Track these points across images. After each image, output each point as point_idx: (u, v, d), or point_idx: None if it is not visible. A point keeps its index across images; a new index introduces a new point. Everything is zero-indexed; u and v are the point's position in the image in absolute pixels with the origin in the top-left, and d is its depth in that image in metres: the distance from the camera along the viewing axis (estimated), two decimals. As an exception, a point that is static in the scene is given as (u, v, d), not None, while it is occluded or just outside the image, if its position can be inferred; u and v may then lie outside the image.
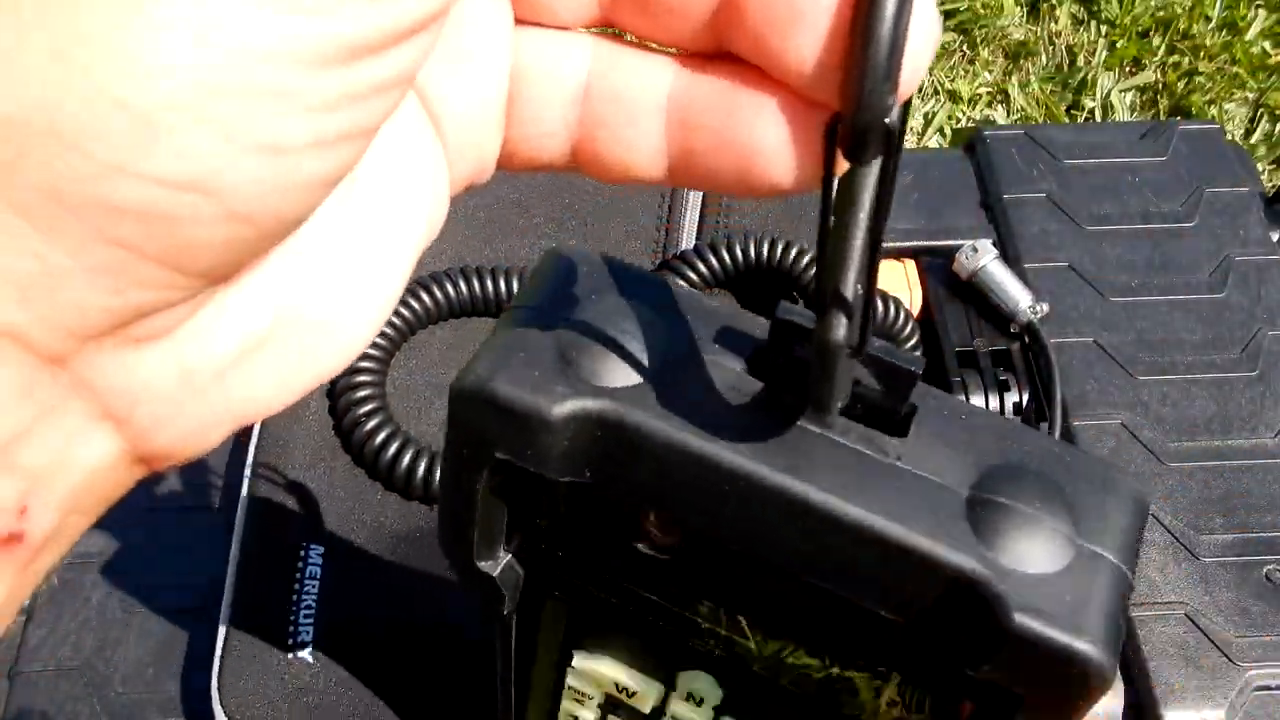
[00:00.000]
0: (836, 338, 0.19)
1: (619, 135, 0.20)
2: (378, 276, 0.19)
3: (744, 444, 0.22)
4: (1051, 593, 0.21)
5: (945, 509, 0.21)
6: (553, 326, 0.23)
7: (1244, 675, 0.47)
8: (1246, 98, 1.28)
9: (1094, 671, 0.20)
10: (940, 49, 1.33)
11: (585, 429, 0.22)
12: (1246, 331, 0.59)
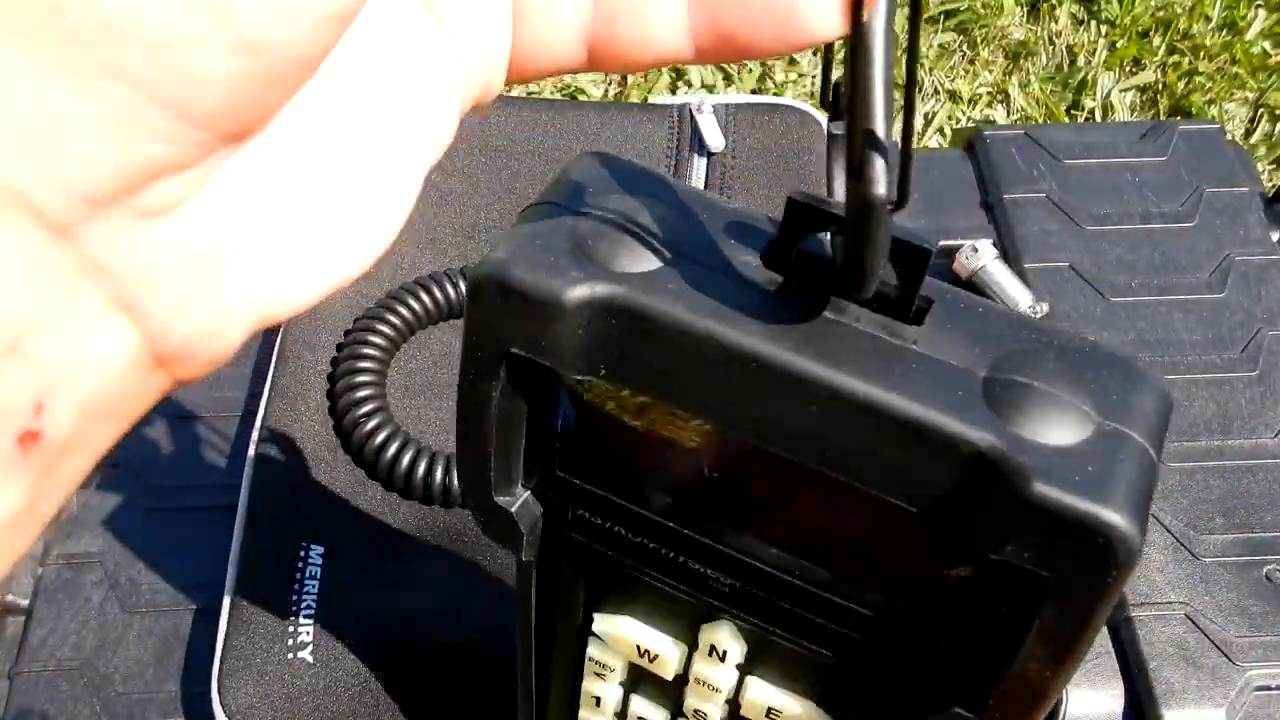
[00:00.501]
0: (878, 193, 0.18)
1: (639, 15, 0.19)
2: (392, 184, 0.19)
3: (759, 328, 0.21)
4: (1073, 463, 0.20)
5: (962, 389, 0.21)
6: (571, 218, 0.23)
7: (1244, 675, 0.47)
8: (1246, 98, 1.28)
9: (1119, 542, 0.19)
10: (940, 49, 1.33)
11: (600, 315, 0.22)
12: (1246, 331, 0.59)
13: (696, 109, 0.61)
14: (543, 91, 1.29)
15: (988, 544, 0.21)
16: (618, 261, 0.22)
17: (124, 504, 0.53)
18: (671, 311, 0.21)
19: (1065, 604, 0.21)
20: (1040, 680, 0.22)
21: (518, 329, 0.22)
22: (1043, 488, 0.19)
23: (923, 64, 1.31)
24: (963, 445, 0.20)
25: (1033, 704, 0.22)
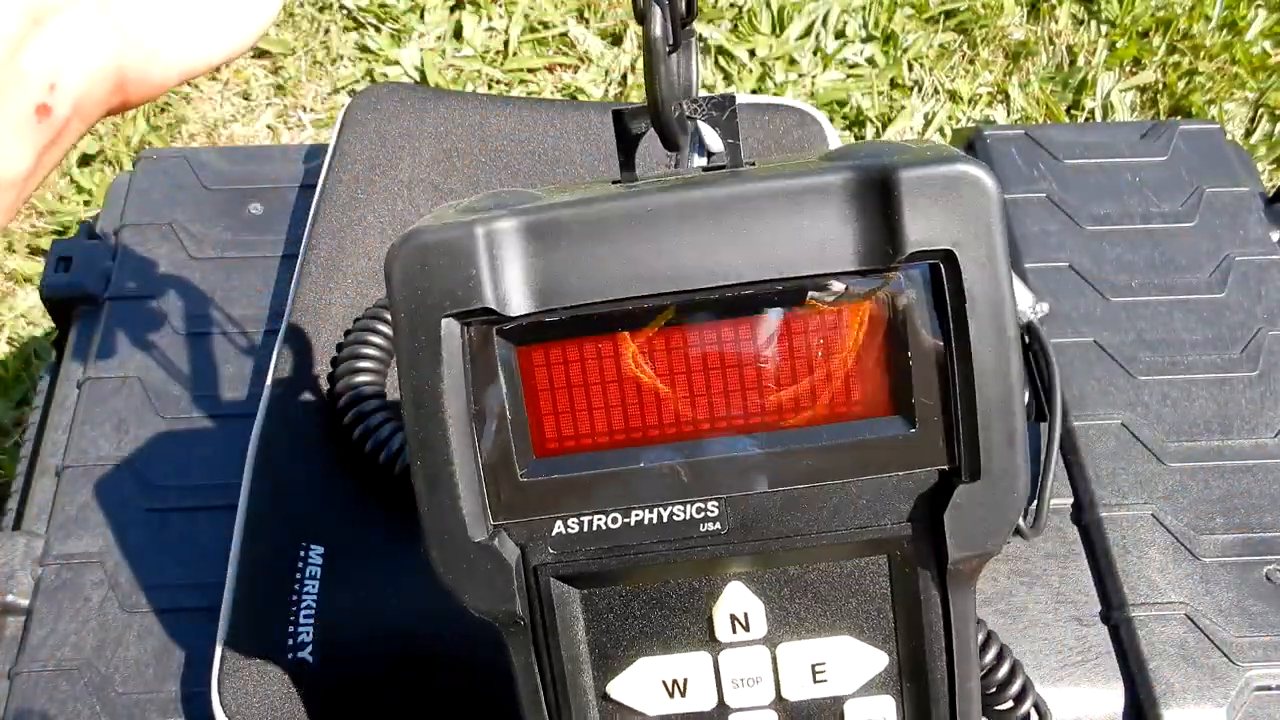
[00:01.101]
0: (655, 31, 0.23)
1: None
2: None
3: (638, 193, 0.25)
4: (919, 158, 0.24)
5: (810, 169, 0.25)
6: (453, 207, 0.26)
7: (1244, 675, 0.47)
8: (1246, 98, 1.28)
9: (983, 181, 0.24)
10: (940, 49, 1.33)
11: (511, 239, 0.24)
12: (1246, 331, 0.59)
13: (696, 109, 0.61)
14: (543, 91, 1.29)
15: (896, 248, 0.24)
16: (510, 207, 0.25)
17: (124, 504, 0.53)
18: (567, 211, 0.24)
19: (976, 263, 0.25)
20: (1000, 379, 0.25)
21: (445, 284, 0.24)
22: (908, 172, 0.24)
23: (923, 64, 1.31)
24: (835, 183, 0.25)
25: (1005, 416, 0.25)
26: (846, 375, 0.26)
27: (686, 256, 0.24)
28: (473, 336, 0.25)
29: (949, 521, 0.26)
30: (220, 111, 1.28)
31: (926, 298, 0.25)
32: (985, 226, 0.24)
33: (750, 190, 0.24)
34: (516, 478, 0.26)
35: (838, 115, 1.27)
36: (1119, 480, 0.53)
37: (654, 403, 0.26)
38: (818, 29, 1.32)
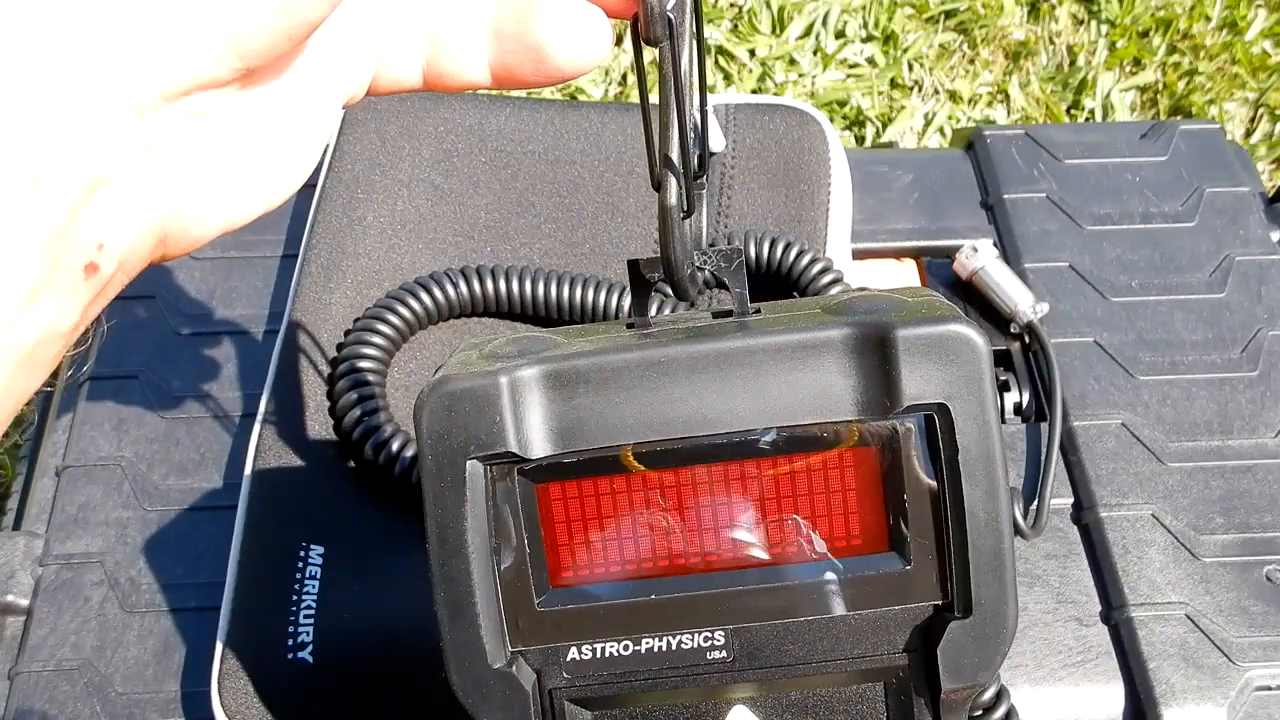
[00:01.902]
0: (670, 201, 0.25)
1: (456, 55, 0.28)
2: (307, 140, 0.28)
3: (665, 343, 0.27)
4: (910, 316, 0.26)
5: (813, 319, 0.27)
6: (475, 353, 0.28)
7: (1244, 675, 0.47)
8: (1246, 98, 1.28)
9: (974, 341, 0.26)
10: (940, 49, 1.33)
11: (537, 388, 0.26)
12: (1247, 331, 0.59)
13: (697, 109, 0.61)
14: (543, 92, 1.29)
15: (894, 401, 0.26)
16: (531, 355, 0.27)
17: (124, 504, 0.53)
18: (585, 361, 0.26)
19: (968, 418, 0.26)
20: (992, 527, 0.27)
21: (472, 433, 0.26)
22: (904, 330, 0.26)
23: (923, 64, 1.31)
24: (836, 339, 0.26)
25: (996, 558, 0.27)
26: (846, 514, 0.28)
27: (697, 405, 0.26)
28: (494, 475, 0.27)
29: (942, 654, 0.28)
30: (220, 111, 1.28)
31: (921, 444, 0.27)
32: (976, 383, 0.26)
33: (756, 345, 0.26)
34: (533, 606, 0.28)
35: (838, 115, 1.27)
36: (1119, 480, 0.53)
37: (664, 537, 0.28)
38: (818, 29, 1.32)
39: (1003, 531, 0.27)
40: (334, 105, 0.29)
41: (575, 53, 0.27)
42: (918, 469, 0.27)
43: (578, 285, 0.53)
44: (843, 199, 0.58)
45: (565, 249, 0.57)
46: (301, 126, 0.28)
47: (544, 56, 0.27)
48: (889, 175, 0.67)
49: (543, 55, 0.27)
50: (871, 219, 0.64)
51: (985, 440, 0.27)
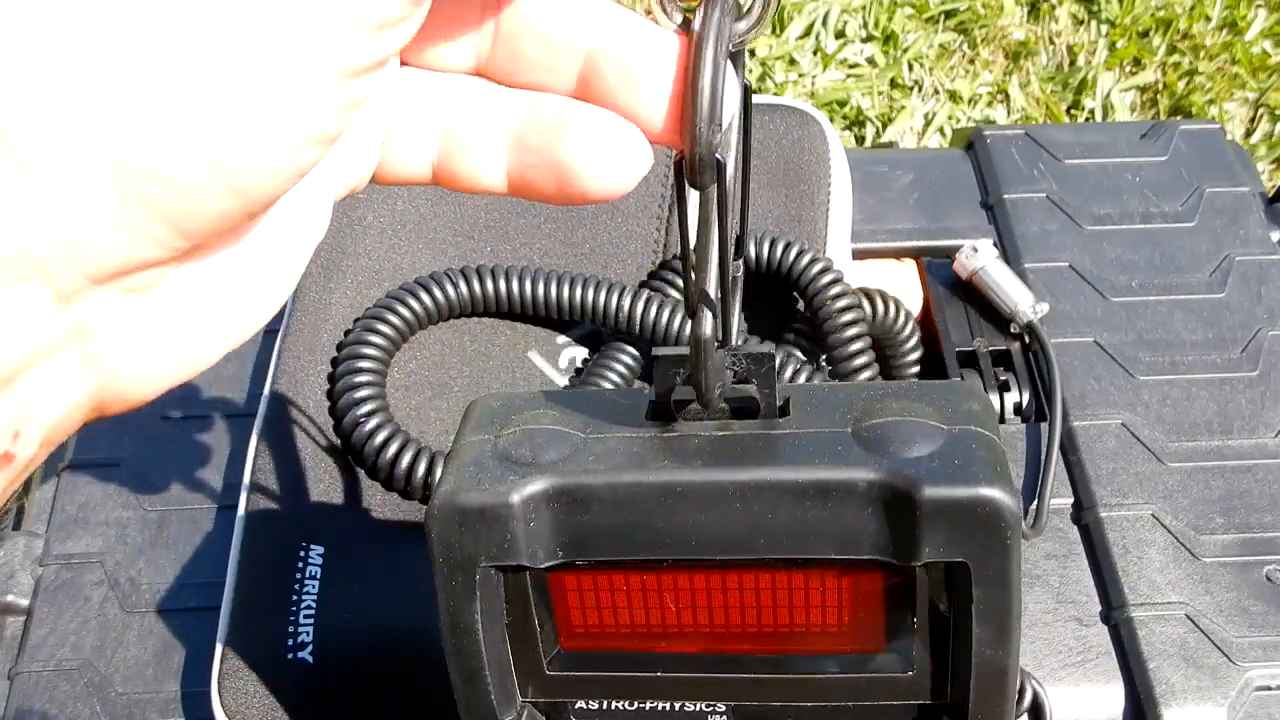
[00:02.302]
0: (705, 332, 0.24)
1: (471, 158, 0.25)
2: (281, 264, 0.24)
3: (670, 463, 0.26)
4: (943, 465, 0.25)
5: (840, 444, 0.26)
6: (490, 440, 0.27)
7: (1244, 675, 0.47)
8: (1246, 98, 1.28)
9: (1002, 507, 0.25)
10: (940, 49, 1.33)
11: (543, 504, 0.26)
12: (1247, 331, 0.59)
13: (696, 109, 0.61)
14: (543, 91, 1.29)
15: (912, 554, 0.25)
16: (541, 455, 0.26)
17: (124, 504, 0.53)
18: (597, 479, 0.26)
19: (985, 579, 0.25)
20: (997, 662, 0.26)
21: (481, 543, 0.26)
22: (931, 490, 0.24)
23: (923, 64, 1.31)
24: (859, 485, 0.25)
25: (998, 686, 0.26)
26: (855, 618, 0.27)
27: (714, 530, 0.26)
28: (506, 574, 0.27)
29: None
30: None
31: (939, 581, 0.26)
32: (1001, 548, 0.25)
33: (778, 481, 0.25)
34: (544, 671, 0.29)
35: (838, 115, 1.27)
36: (1119, 480, 0.53)
37: (673, 620, 0.28)
38: (818, 29, 1.32)
39: (1008, 667, 0.26)
40: (321, 209, 0.25)
41: (607, 177, 0.23)
42: (930, 597, 0.27)
43: (578, 285, 0.53)
44: (843, 199, 0.58)
45: (565, 249, 0.57)
46: (277, 248, 0.24)
47: (570, 176, 0.23)
48: (889, 175, 0.67)
49: (568, 175, 0.23)
50: (871, 219, 0.64)
51: (1004, 601, 0.26)
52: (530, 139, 0.24)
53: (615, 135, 0.23)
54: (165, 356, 0.22)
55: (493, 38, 0.24)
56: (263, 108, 0.18)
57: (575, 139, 0.23)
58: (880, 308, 0.54)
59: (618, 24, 0.23)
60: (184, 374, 0.23)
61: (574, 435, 0.27)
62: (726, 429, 0.26)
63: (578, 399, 0.29)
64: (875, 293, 0.55)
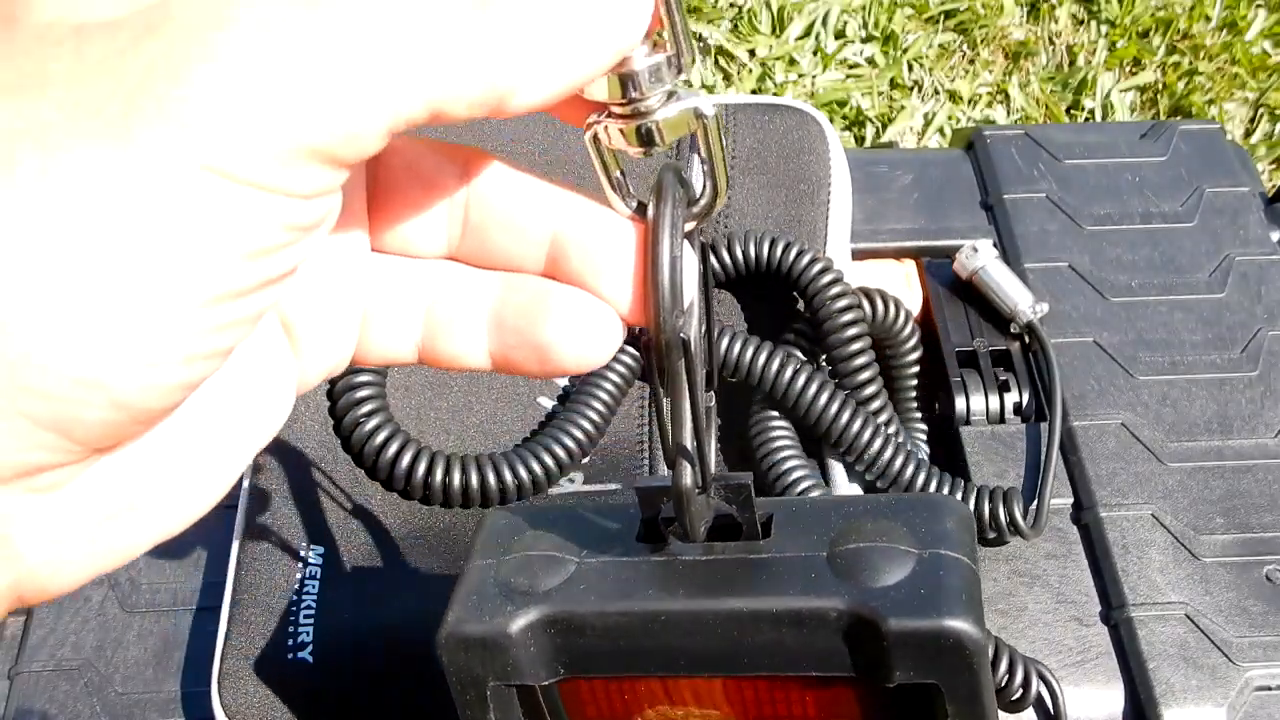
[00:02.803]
0: (685, 483, 0.26)
1: (454, 340, 0.25)
2: (222, 462, 0.24)
3: (656, 590, 0.28)
4: (909, 595, 0.26)
5: (814, 571, 0.27)
6: (494, 567, 0.30)
7: (1244, 675, 0.47)
8: (1246, 98, 1.28)
9: (965, 639, 0.26)
10: (940, 49, 1.33)
11: (541, 630, 0.28)
12: (1246, 331, 0.59)
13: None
14: (543, 91, 1.29)
15: (885, 676, 0.27)
16: (538, 584, 0.29)
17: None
18: (589, 608, 0.28)
19: (957, 698, 0.27)
20: None
21: (488, 667, 0.29)
22: (896, 622, 0.26)
23: (923, 64, 1.31)
24: (830, 614, 0.27)
25: None
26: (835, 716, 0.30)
27: (696, 652, 0.28)
28: (516, 689, 0.30)
29: None
30: (220, 111, 1.28)
31: (914, 697, 0.28)
32: (969, 672, 0.27)
33: (755, 608, 0.27)
34: None
35: (838, 115, 1.27)
36: (1119, 480, 0.53)
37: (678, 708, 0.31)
38: (818, 29, 1.32)
39: None
40: (278, 399, 0.24)
41: (585, 354, 0.24)
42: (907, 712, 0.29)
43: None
44: (843, 199, 0.58)
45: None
46: (216, 440, 0.23)
47: (550, 355, 0.24)
48: (889, 175, 0.67)
49: (548, 354, 0.24)
50: (871, 219, 0.64)
51: (977, 713, 0.27)
52: (509, 320, 0.25)
53: (589, 316, 0.24)
54: (86, 550, 0.21)
55: (461, 226, 0.25)
56: (134, 330, 0.18)
57: (553, 322, 0.24)
58: (880, 308, 0.54)
59: (578, 212, 0.24)
60: (110, 565, 0.22)
61: (569, 561, 0.30)
62: (710, 552, 0.29)
63: (576, 518, 0.31)
64: (875, 293, 0.55)
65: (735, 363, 0.50)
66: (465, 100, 0.20)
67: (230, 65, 0.18)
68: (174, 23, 0.18)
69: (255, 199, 0.19)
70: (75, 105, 0.18)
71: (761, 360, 0.50)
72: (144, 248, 0.18)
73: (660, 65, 0.23)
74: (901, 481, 0.50)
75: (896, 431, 0.52)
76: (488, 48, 0.20)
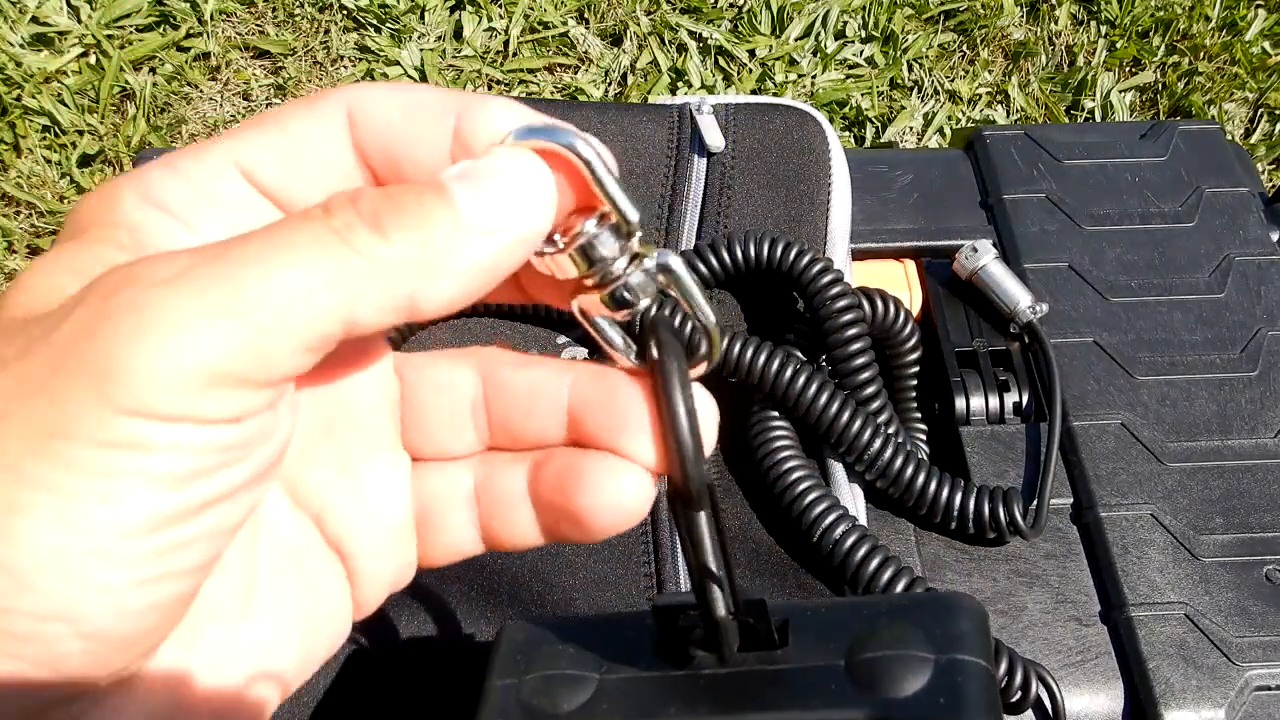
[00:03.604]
0: (720, 612, 0.27)
1: (508, 525, 0.26)
2: (272, 697, 0.25)
3: (676, 710, 0.28)
4: (928, 706, 0.27)
5: (833, 682, 0.28)
6: (514, 689, 0.30)
7: (1244, 675, 0.47)
8: (1246, 98, 1.28)
9: None
10: (940, 49, 1.33)
11: None
12: (1246, 331, 0.59)
13: (696, 109, 0.61)
14: (543, 91, 1.29)
15: None
16: (559, 705, 0.29)
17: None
18: None
19: None
20: None
21: None
22: None
23: (923, 64, 1.31)
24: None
25: None
26: None
27: None
28: None
29: None
30: (220, 112, 1.28)
31: None
32: None
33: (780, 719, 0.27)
34: None
35: (838, 115, 1.27)
36: (1119, 480, 0.53)
37: None
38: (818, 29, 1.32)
39: None
40: (332, 629, 0.27)
41: (616, 515, 0.25)
42: None
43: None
44: (842, 199, 0.58)
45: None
46: (279, 660, 0.25)
47: (587, 523, 0.25)
48: (889, 175, 0.67)
49: (586, 522, 0.25)
50: (871, 219, 0.65)
51: None
52: (545, 496, 0.26)
53: (616, 477, 0.25)
54: None
55: (487, 419, 0.27)
56: (78, 563, 0.20)
57: (583, 490, 0.25)
58: (880, 308, 0.54)
59: (586, 378, 0.25)
60: None
61: (589, 678, 0.30)
62: (730, 664, 0.29)
63: (592, 630, 0.31)
64: (875, 293, 0.55)
65: (735, 363, 0.50)
66: (373, 307, 0.21)
67: (136, 315, 0.20)
68: (93, 295, 0.20)
69: (173, 431, 0.20)
70: (19, 378, 0.20)
71: (761, 360, 0.50)
72: (74, 487, 0.20)
73: (607, 234, 0.25)
74: (901, 481, 0.50)
75: (896, 431, 0.52)
76: (387, 260, 0.21)
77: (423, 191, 0.22)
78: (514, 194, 0.23)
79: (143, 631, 0.21)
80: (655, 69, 1.30)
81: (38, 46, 1.29)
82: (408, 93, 0.25)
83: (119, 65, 1.27)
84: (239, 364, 0.20)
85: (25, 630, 0.20)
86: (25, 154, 1.23)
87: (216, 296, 0.20)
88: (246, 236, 0.21)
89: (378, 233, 0.22)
